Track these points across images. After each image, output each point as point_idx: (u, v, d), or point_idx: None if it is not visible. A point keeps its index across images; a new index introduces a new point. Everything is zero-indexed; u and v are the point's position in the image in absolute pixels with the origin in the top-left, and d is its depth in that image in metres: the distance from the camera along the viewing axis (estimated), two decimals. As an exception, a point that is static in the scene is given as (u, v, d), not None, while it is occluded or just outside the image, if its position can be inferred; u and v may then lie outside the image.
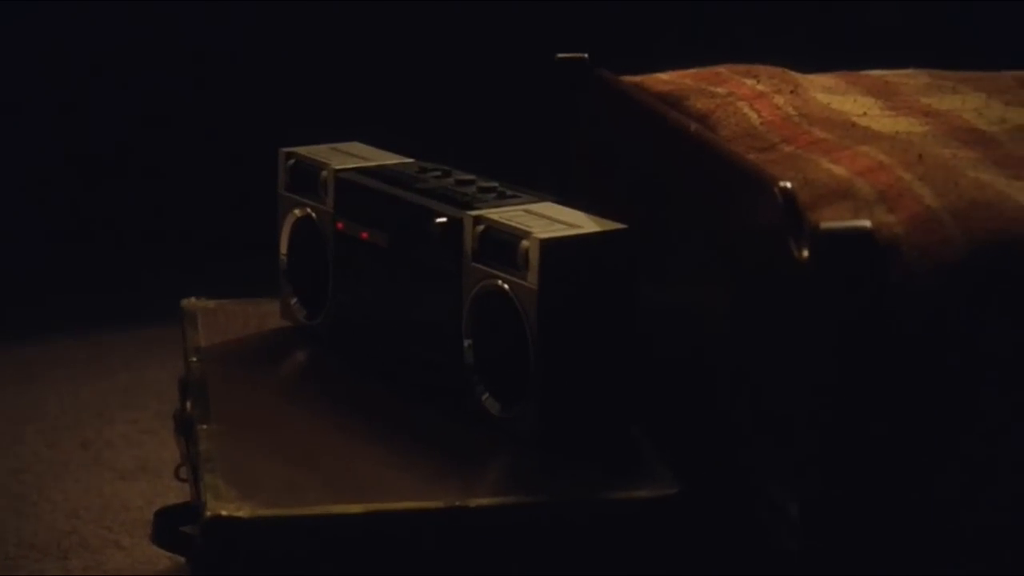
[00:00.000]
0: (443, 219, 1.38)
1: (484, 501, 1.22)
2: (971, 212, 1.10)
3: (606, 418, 1.35)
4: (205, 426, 1.35)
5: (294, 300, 1.58)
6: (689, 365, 1.39)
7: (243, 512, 1.18)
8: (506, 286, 1.32)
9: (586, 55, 1.64)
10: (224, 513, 1.18)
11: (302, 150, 1.57)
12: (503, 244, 1.33)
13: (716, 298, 1.32)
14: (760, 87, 1.50)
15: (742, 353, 1.26)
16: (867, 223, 1.08)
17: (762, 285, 1.21)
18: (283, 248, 1.58)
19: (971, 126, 1.39)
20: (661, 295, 1.43)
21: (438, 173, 1.49)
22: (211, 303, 1.64)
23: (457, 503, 1.21)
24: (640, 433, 1.34)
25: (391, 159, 1.56)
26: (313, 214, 1.54)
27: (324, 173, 1.53)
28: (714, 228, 1.32)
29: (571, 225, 1.34)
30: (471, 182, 1.45)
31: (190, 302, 1.63)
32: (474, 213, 1.37)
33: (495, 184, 1.44)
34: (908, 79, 1.58)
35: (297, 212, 1.56)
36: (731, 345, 1.29)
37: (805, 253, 1.10)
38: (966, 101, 1.48)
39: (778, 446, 1.17)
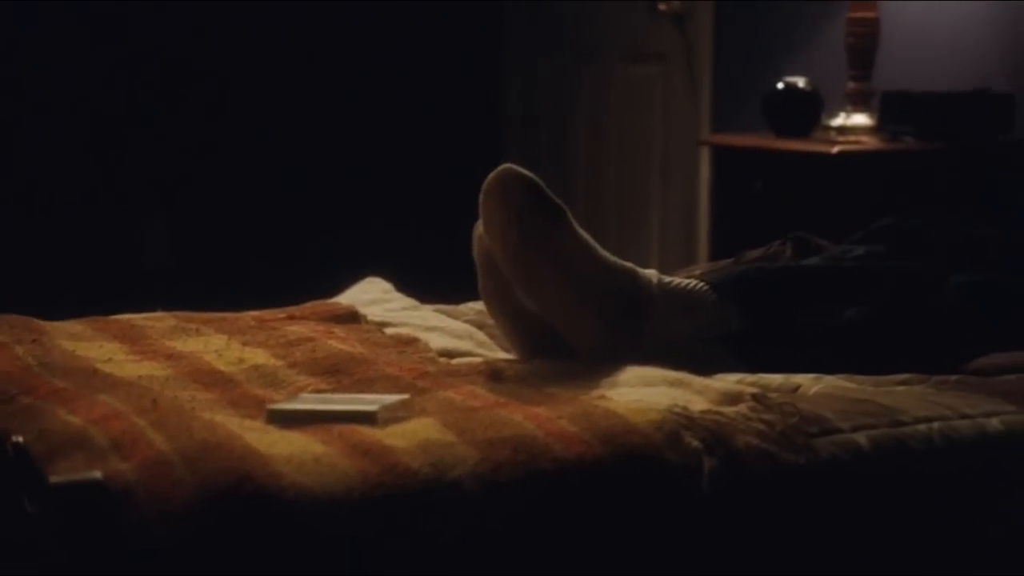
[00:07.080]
0: None
1: None
2: (202, 454, 1.12)
3: None
4: None
5: None
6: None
7: None
8: None
9: None
10: None
11: None
12: None
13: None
14: (1, 338, 1.47)
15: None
16: (98, 473, 1.08)
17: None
18: None
19: (212, 367, 1.43)
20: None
21: None
22: None
23: None
24: None
25: None
26: None
27: None
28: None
29: None
30: None
31: None
32: None
33: None
34: (156, 322, 1.61)
35: None
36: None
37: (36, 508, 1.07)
38: (208, 343, 1.52)
39: None
